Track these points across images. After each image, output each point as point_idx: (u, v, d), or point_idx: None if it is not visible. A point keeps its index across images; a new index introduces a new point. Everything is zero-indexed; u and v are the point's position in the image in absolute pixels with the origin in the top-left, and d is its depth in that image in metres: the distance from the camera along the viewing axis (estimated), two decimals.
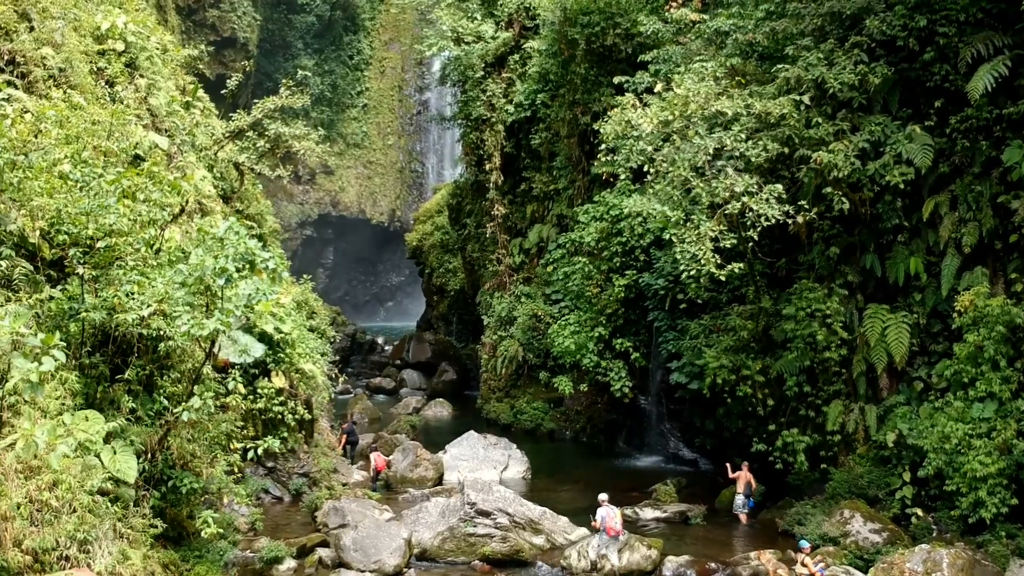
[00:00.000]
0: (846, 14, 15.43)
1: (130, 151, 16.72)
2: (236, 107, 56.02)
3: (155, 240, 12.81)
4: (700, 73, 14.61)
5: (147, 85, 20.07)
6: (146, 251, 11.87)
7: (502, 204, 29.35)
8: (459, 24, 28.09)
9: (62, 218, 10.54)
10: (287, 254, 65.56)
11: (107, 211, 10.38)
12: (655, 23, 18.70)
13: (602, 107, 24.43)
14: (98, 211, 10.37)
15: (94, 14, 19.95)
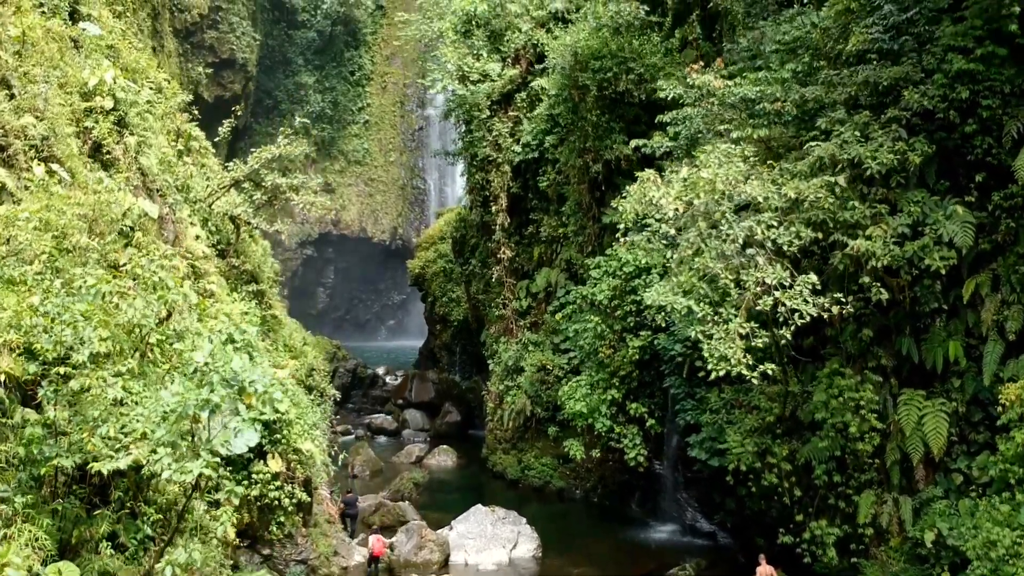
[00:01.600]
0: (883, 84, 14.39)
1: (118, 222, 15.85)
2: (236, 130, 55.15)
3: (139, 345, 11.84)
4: (727, 154, 13.58)
5: (137, 143, 19.06)
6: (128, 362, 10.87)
7: (508, 247, 28.32)
8: (464, 62, 27.06)
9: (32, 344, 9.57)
10: (287, 274, 64.76)
11: (82, 345, 9.37)
12: (675, 87, 17.67)
13: (614, 155, 23.48)
14: (72, 340, 9.38)
15: (81, 68, 18.96)
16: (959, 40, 14.45)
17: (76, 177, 15.77)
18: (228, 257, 22.41)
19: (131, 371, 10.89)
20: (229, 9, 48.94)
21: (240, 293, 21.62)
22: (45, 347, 9.32)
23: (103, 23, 24.14)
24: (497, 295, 29.30)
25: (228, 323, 17.30)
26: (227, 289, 21.31)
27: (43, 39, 18.03)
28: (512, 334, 28.41)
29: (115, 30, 24.31)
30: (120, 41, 24.21)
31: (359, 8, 62.49)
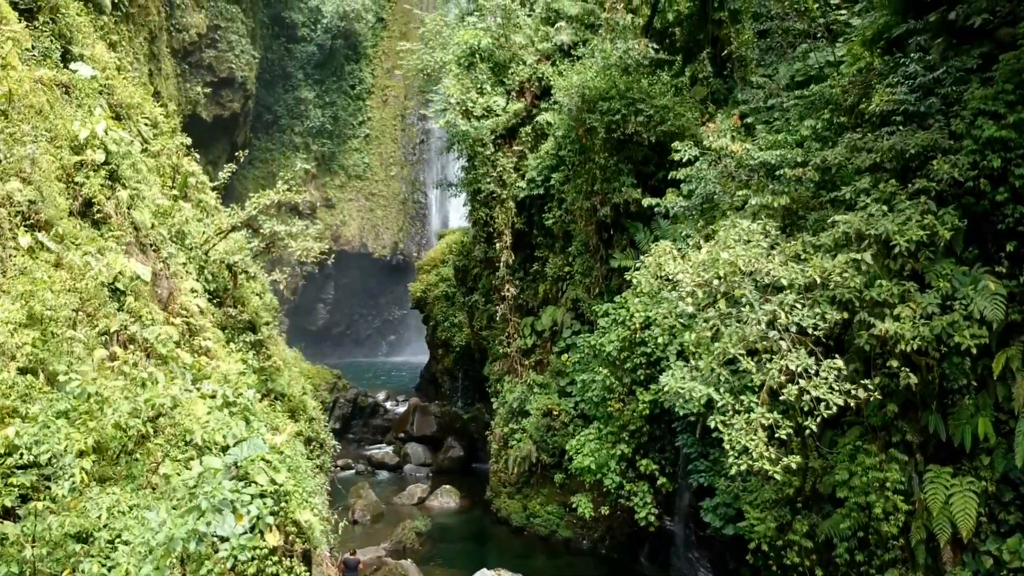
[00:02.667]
0: (910, 152, 13.70)
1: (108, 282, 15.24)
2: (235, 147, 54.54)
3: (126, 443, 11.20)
4: (748, 232, 12.89)
5: (130, 197, 18.38)
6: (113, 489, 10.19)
7: (513, 284, 27.64)
8: (467, 96, 26.37)
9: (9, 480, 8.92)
10: (287, 292, 64.06)
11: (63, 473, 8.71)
12: (691, 149, 16.95)
13: (623, 198, 22.79)
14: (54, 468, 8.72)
15: (72, 119, 18.29)
16: (989, 104, 13.77)
17: (65, 241, 15.16)
18: (225, 306, 21.71)
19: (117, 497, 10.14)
20: (228, 27, 48.25)
21: (237, 344, 20.95)
22: (22, 482, 8.66)
23: (97, 59, 23.51)
24: (501, 331, 28.63)
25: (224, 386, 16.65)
26: (223, 341, 20.64)
27: (32, 92, 17.39)
28: (517, 373, 27.74)
29: (109, 66, 23.65)
30: (115, 77, 23.58)
31: (360, 22, 61.78)
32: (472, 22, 27.19)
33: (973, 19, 14.60)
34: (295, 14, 59.07)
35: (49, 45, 20.08)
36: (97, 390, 10.42)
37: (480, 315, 31.75)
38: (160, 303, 18.36)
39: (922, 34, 15.55)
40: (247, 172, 60.92)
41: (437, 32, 30.12)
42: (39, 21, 20.30)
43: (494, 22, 27.28)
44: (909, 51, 15.50)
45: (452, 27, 29.86)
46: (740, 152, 14.83)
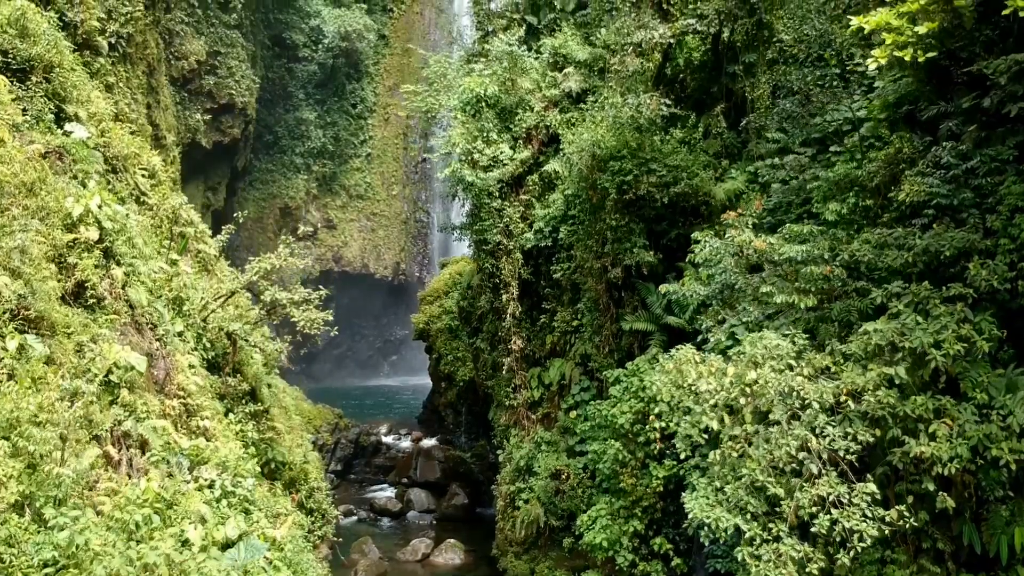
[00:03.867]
0: (944, 255, 13.01)
1: (101, 377, 14.57)
2: (235, 171, 53.88)
3: None
4: (776, 348, 12.20)
5: (125, 274, 17.72)
6: None
7: (519, 336, 26.95)
8: (474, 147, 25.68)
9: None
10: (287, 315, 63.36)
11: None
12: (712, 240, 16.24)
13: (634, 260, 22.10)
14: None
15: (65, 194, 17.61)
16: None
17: (57, 334, 14.52)
18: (224, 374, 21.04)
19: None
20: (228, 53, 47.57)
21: (236, 415, 20.30)
22: None
23: (93, 110, 22.90)
24: (507, 382, 27.93)
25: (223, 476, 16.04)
26: (222, 413, 19.99)
27: (23, 168, 16.74)
28: (523, 427, 27.06)
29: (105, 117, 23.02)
30: (111, 128, 22.97)
31: (361, 41, 61.08)
32: (479, 69, 26.47)
33: (1008, 107, 13.91)
34: (296, 35, 58.40)
35: (42, 107, 19.45)
36: (86, 540, 9.76)
37: (485, 360, 31.08)
38: (156, 384, 17.72)
39: (953, 118, 14.87)
40: (248, 194, 60.29)
41: (442, 74, 29.43)
42: (32, 81, 19.67)
43: (500, 66, 26.58)
44: (940, 136, 14.82)
45: (457, 68, 29.18)
46: (764, 247, 14.15)
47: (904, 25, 11.36)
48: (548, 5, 28.77)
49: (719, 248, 15.49)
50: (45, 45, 20.33)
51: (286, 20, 58.04)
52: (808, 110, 20.82)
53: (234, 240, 60.05)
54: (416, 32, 72.10)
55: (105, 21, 28.70)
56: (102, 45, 28.55)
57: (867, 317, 14.48)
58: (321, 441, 34.95)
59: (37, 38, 20.37)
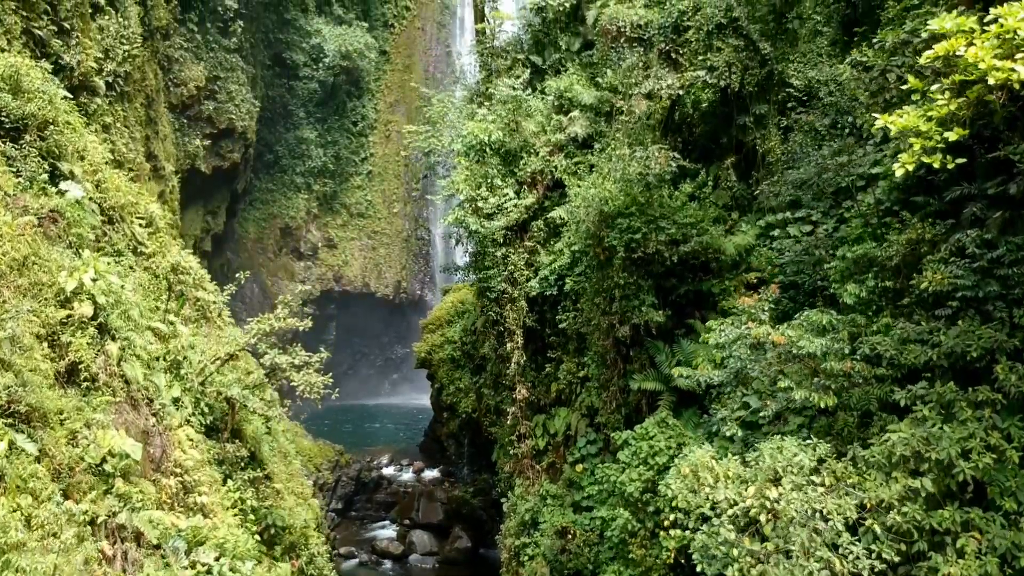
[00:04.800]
0: (971, 355, 12.50)
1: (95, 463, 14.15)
2: (235, 195, 53.36)
3: None
4: (794, 462, 11.69)
5: (120, 349, 17.22)
6: None
7: (524, 386, 26.44)
8: (478, 194, 25.18)
9: None
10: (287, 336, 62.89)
11: None
12: (728, 329, 15.74)
13: (642, 320, 21.59)
14: None
15: (59, 266, 17.12)
16: None
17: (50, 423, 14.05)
18: (223, 440, 20.53)
19: None
20: (228, 77, 47.06)
21: (235, 482, 19.80)
22: None
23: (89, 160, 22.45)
24: (511, 430, 27.42)
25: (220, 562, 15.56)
26: (220, 481, 19.50)
27: (13, 245, 16.27)
28: (527, 477, 26.56)
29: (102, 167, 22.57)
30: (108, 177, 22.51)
31: (363, 59, 60.54)
32: (482, 114, 25.96)
33: None
34: (297, 54, 57.85)
35: (36, 167, 18.97)
36: None
37: (488, 403, 30.60)
38: (153, 463, 17.25)
39: (977, 201, 14.36)
40: (248, 213, 59.80)
41: (444, 115, 28.92)
42: (25, 140, 19.20)
43: (504, 109, 26.06)
44: (963, 220, 14.31)
45: (460, 109, 28.68)
46: (782, 341, 13.64)
47: (933, 130, 10.84)
48: (553, 45, 28.26)
49: (735, 337, 14.97)
50: (39, 102, 19.86)
51: (286, 40, 57.51)
52: (819, 167, 20.30)
53: (234, 261, 59.70)
54: (417, 47, 71.61)
55: (102, 60, 28.24)
56: (99, 85, 28.07)
57: (887, 407, 13.99)
58: (322, 480, 34.46)
59: (31, 95, 19.90)
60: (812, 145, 21.15)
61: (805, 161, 17.33)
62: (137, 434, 17.44)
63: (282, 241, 60.78)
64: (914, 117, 11.07)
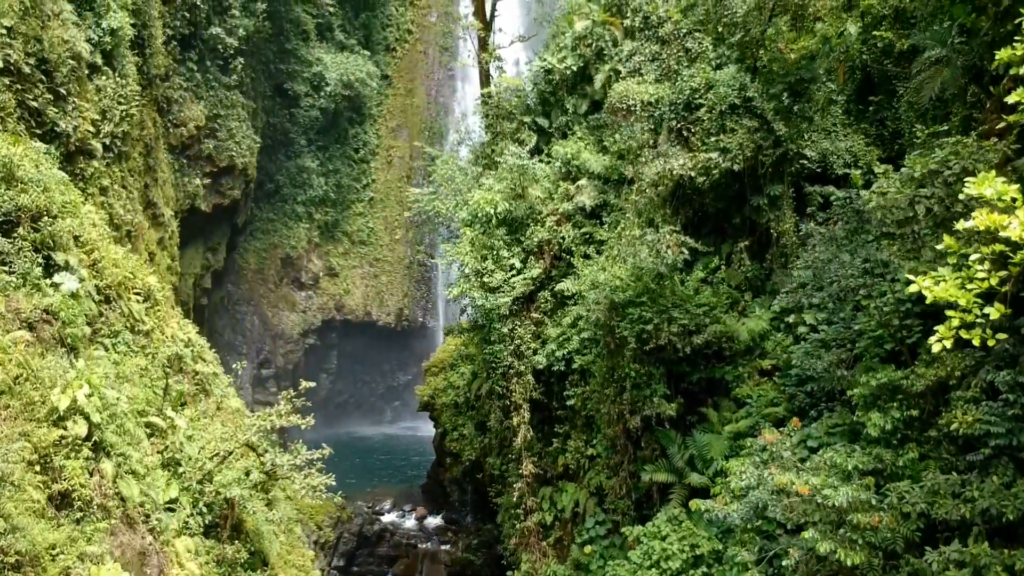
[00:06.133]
0: (1007, 517, 11.91)
1: None
2: (236, 229, 52.76)
3: None
4: None
5: (116, 467, 16.65)
6: None
7: (531, 461, 25.85)
8: (484, 267, 24.58)
9: None
10: (289, 366, 62.29)
11: None
12: (749, 472, 15.09)
13: (654, 411, 21.02)
14: None
15: (53, 381, 16.52)
16: None
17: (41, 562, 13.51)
18: (223, 540, 19.93)
19: None
20: (228, 115, 46.41)
21: None
22: None
23: (86, 237, 21.93)
24: (518, 502, 26.82)
25: None
26: None
27: (3, 361, 15.77)
28: (534, 552, 25.97)
29: (98, 245, 22.03)
30: (105, 256, 22.00)
31: (365, 88, 59.88)
32: (488, 184, 25.35)
33: None
34: (298, 85, 57.14)
35: (29, 261, 18.43)
36: None
37: (492, 470, 30.05)
38: None
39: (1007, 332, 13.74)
40: (248, 244, 59.16)
41: (449, 178, 28.31)
42: (18, 234, 18.66)
43: (510, 176, 25.44)
44: (994, 352, 13.68)
45: (464, 171, 28.07)
46: (807, 492, 13.04)
47: (971, 303, 10.25)
48: (559, 106, 27.67)
49: (756, 482, 14.37)
50: (33, 193, 19.32)
51: (287, 70, 56.79)
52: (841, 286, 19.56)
53: (234, 294, 59.14)
54: (420, 71, 71.01)
55: (100, 122, 27.65)
56: (96, 148, 27.49)
57: (912, 545, 13.43)
58: (323, 539, 33.88)
59: (25, 185, 19.37)
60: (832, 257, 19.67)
61: (824, 275, 16.66)
62: (133, 556, 16.95)
63: (283, 271, 60.15)
64: (951, 286, 10.48)
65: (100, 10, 28.08)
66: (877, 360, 17.39)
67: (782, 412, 20.01)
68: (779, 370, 21.05)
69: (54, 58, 24.87)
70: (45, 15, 25.04)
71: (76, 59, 25.95)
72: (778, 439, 14.86)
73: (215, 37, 44.07)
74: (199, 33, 43.57)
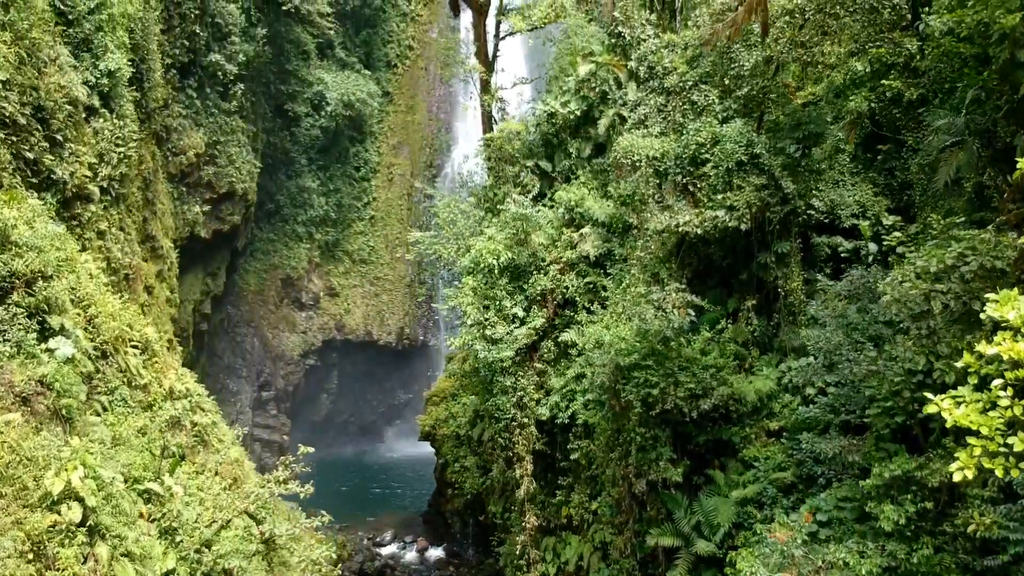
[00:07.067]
0: None
1: None
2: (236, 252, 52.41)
3: None
4: None
5: (111, 548, 16.30)
6: None
7: (534, 514, 25.49)
8: (486, 319, 24.22)
9: None
10: (289, 388, 61.90)
11: None
12: (761, 570, 14.72)
13: (659, 476, 20.64)
14: None
15: (46, 462, 16.18)
16: None
17: None
18: None
19: None
20: (228, 141, 46.04)
21: None
22: None
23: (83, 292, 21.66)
24: (520, 554, 26.46)
25: None
26: None
27: None
28: None
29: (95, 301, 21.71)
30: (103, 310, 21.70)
31: (365, 107, 59.49)
32: (490, 234, 24.98)
33: None
34: (299, 106, 56.77)
35: (24, 328, 18.13)
36: None
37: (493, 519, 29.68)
38: None
39: None
40: (249, 265, 58.79)
41: (451, 221, 27.95)
42: (12, 300, 18.36)
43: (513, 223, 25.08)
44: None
45: (466, 216, 27.72)
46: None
47: (994, 432, 9.88)
48: (563, 149, 27.30)
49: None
50: (28, 257, 19.01)
51: (288, 91, 56.41)
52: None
53: (234, 316, 58.77)
54: (421, 88, 70.63)
55: (97, 166, 27.30)
56: (93, 192, 27.16)
57: None
58: None
59: (20, 248, 19.08)
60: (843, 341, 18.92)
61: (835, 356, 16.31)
62: None
63: (283, 292, 59.79)
64: (972, 410, 10.11)
65: (98, 51, 27.72)
66: (888, 431, 17.08)
67: (790, 478, 19.68)
68: (786, 431, 20.71)
69: (50, 105, 24.54)
70: (42, 62, 24.69)
71: (73, 104, 25.61)
72: (789, 538, 14.49)
73: (215, 64, 43.71)
74: (198, 60, 43.22)
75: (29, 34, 23.52)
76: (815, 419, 19.56)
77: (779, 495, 19.62)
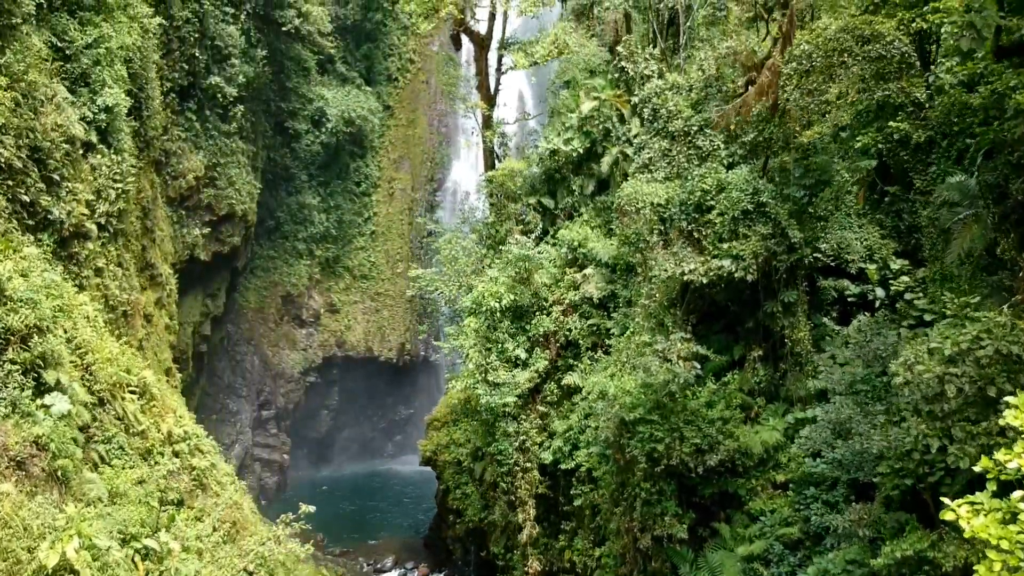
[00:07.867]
0: None
1: None
2: (236, 272, 52.06)
3: None
4: None
5: None
6: None
7: (537, 559, 25.19)
8: (488, 364, 23.91)
9: None
10: (289, 406, 61.63)
11: None
12: None
13: (665, 532, 20.34)
14: None
15: (41, 531, 15.91)
16: None
17: None
18: None
19: None
20: (228, 162, 45.68)
21: None
22: None
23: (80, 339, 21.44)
24: None
25: None
26: None
27: None
28: None
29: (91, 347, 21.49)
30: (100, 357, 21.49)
31: (366, 123, 59.15)
32: (493, 275, 24.69)
33: None
34: (299, 124, 56.42)
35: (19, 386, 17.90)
36: None
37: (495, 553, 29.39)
38: None
39: None
40: (249, 283, 58.46)
41: (452, 258, 27.65)
42: (7, 357, 18.12)
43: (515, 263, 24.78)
44: None
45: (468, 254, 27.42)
46: None
47: (1014, 545, 9.58)
48: (565, 186, 26.99)
49: None
50: (23, 312, 18.77)
51: (288, 108, 56.04)
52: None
53: (233, 334, 58.44)
54: (422, 101, 70.27)
55: (94, 202, 27.00)
56: (91, 230, 26.88)
57: None
58: None
59: (15, 303, 18.84)
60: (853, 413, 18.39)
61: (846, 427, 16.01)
62: None
63: (283, 309, 59.45)
64: (991, 521, 9.81)
65: (96, 86, 27.38)
66: (898, 493, 16.80)
67: (797, 533, 19.40)
68: (793, 483, 20.42)
69: (47, 145, 24.25)
70: (38, 101, 24.39)
71: (70, 142, 25.32)
72: None
73: (214, 86, 43.37)
74: (198, 83, 42.89)
75: (25, 76, 23.24)
76: (822, 475, 19.29)
77: (786, 552, 19.34)
